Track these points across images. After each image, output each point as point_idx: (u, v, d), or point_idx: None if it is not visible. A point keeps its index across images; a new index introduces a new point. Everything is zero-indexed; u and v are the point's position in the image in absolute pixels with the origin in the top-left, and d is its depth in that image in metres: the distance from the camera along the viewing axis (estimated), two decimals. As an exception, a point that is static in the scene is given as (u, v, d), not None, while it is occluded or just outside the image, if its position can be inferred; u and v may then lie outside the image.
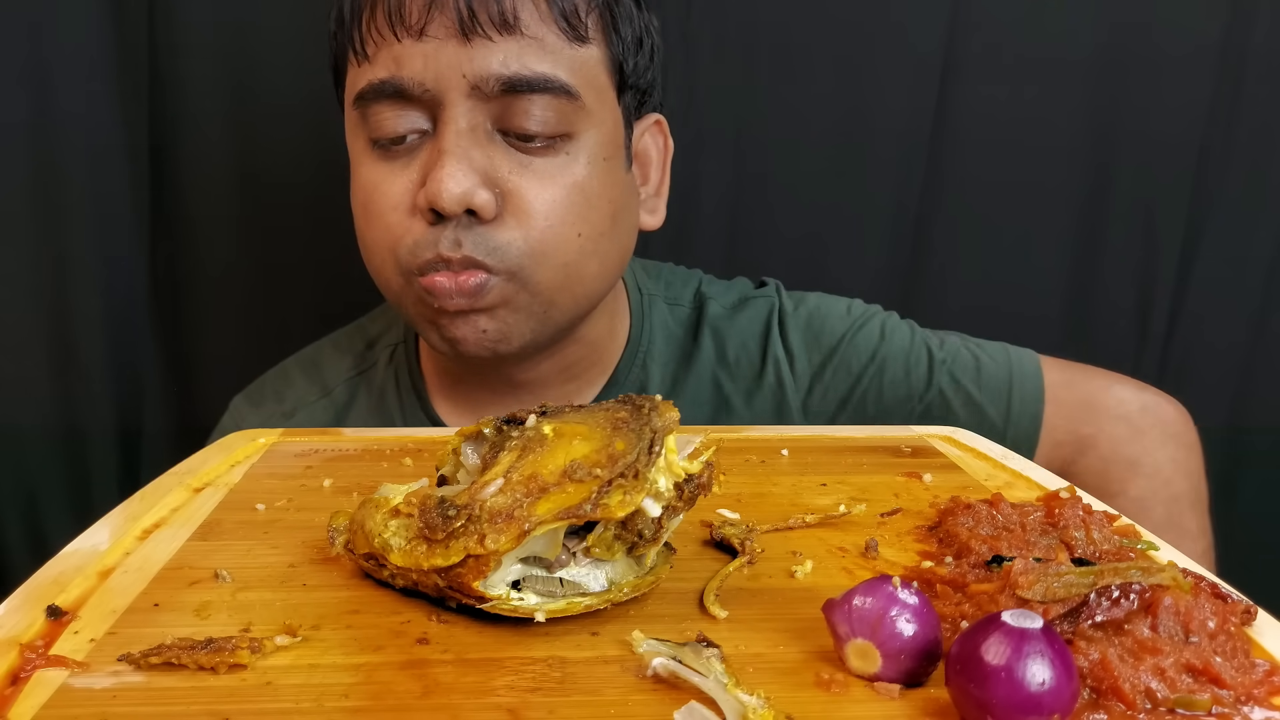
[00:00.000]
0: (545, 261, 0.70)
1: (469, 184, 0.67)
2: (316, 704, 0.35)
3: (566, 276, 0.72)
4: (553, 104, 0.68)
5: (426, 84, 0.67)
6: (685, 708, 0.34)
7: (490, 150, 0.69)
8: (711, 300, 0.87)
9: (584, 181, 0.71)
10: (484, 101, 0.68)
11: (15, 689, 0.35)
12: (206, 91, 1.03)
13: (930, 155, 1.08)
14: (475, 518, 0.39)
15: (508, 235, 0.69)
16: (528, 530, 0.38)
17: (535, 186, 0.69)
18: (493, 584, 0.40)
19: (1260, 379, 1.16)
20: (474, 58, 0.66)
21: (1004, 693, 0.32)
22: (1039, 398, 0.82)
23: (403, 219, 0.70)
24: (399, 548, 0.41)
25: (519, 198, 0.69)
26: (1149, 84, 1.07)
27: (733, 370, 0.85)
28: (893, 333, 0.85)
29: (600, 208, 0.72)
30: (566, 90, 0.68)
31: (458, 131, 0.67)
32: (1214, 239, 1.11)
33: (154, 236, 1.07)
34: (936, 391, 0.83)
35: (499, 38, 0.66)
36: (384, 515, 0.42)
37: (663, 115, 0.81)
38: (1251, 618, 0.42)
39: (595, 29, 0.71)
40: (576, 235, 0.71)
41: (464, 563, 0.39)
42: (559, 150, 0.70)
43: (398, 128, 0.69)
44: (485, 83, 0.67)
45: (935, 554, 0.49)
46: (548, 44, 0.68)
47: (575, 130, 0.70)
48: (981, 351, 0.85)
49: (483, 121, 0.68)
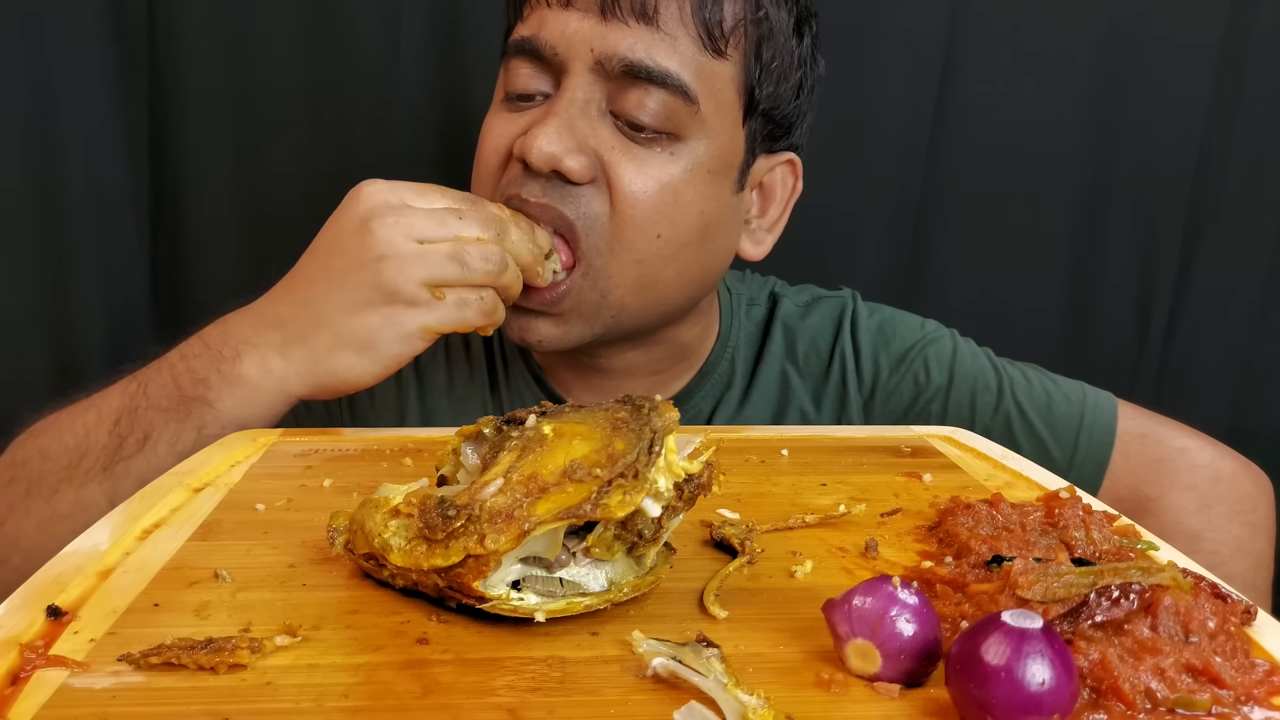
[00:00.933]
0: (621, 251, 0.71)
1: (560, 146, 0.69)
2: (316, 704, 0.35)
3: (640, 275, 0.73)
4: (667, 100, 0.70)
5: (557, 49, 0.70)
6: (685, 708, 0.34)
7: (597, 125, 0.71)
8: (784, 299, 0.89)
9: (679, 184, 0.72)
10: (604, 79, 0.70)
11: (15, 689, 0.35)
12: (206, 91, 1.03)
13: (930, 153, 1.08)
14: (475, 518, 0.39)
15: (598, 205, 0.71)
16: (527, 530, 0.38)
17: (631, 169, 0.71)
18: (493, 584, 0.40)
19: (1260, 379, 1.16)
20: (605, 35, 0.69)
21: (1004, 693, 0.32)
22: (1109, 444, 0.81)
23: (501, 162, 0.73)
24: (399, 548, 0.41)
25: (613, 174, 0.71)
26: (1149, 82, 1.07)
27: (801, 367, 0.86)
28: (966, 354, 0.85)
29: (688, 216, 0.73)
30: (684, 91, 0.70)
31: (571, 99, 0.70)
32: (1214, 239, 1.11)
33: (154, 236, 1.07)
34: (1002, 419, 0.82)
35: (634, 24, 0.69)
36: (384, 515, 0.42)
37: (799, 156, 0.81)
38: (1251, 618, 0.42)
39: (735, 47, 0.72)
40: (656, 235, 0.72)
41: (464, 563, 0.39)
42: (664, 146, 0.71)
43: (528, 85, 0.73)
44: (609, 60, 0.69)
45: (935, 554, 0.49)
46: (680, 44, 0.70)
47: (684, 133, 0.71)
48: (1056, 388, 0.84)
49: (598, 98, 0.71)
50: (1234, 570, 0.77)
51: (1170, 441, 0.81)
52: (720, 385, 0.85)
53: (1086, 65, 1.06)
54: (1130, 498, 0.80)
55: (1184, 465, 0.80)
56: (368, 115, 1.05)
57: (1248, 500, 0.79)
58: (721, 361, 0.85)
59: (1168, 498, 0.79)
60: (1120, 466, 0.80)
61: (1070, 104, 1.07)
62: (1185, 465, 0.80)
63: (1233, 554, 0.77)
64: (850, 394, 0.85)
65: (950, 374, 0.84)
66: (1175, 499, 0.78)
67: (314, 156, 1.06)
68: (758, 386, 0.85)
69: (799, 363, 0.86)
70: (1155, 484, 0.79)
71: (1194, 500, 0.78)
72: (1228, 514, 0.78)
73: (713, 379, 0.85)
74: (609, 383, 0.82)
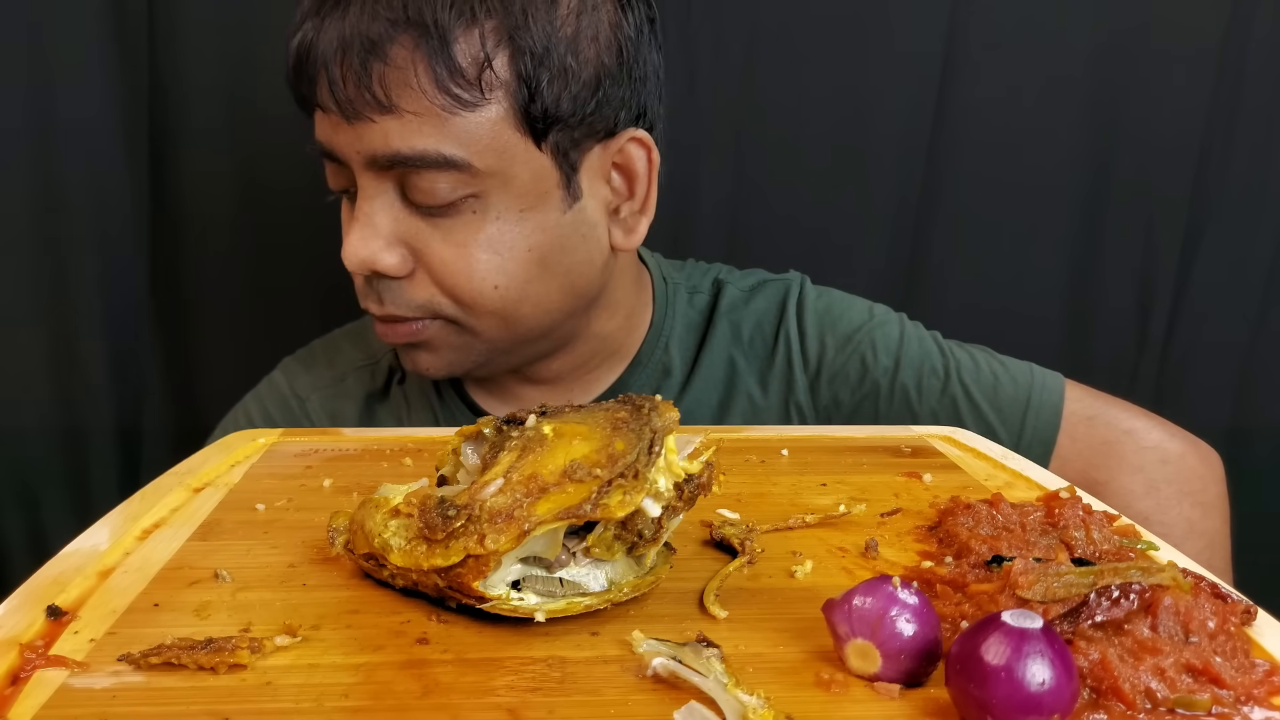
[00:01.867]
0: (471, 312, 0.73)
1: (369, 250, 0.70)
2: (316, 704, 0.35)
3: (499, 321, 0.74)
4: (441, 176, 0.68)
5: (336, 152, 0.71)
6: (685, 708, 0.34)
7: (401, 214, 0.71)
8: (729, 285, 0.88)
9: (495, 237, 0.71)
10: (384, 172, 0.70)
11: (15, 689, 0.35)
12: (206, 92, 1.03)
13: (930, 155, 1.08)
14: (475, 518, 0.39)
15: (426, 292, 0.72)
16: (527, 530, 0.38)
17: (441, 248, 0.71)
18: (492, 584, 0.40)
19: (1260, 379, 1.16)
20: (361, 136, 0.68)
21: (1004, 693, 0.32)
22: (1055, 425, 0.80)
23: None
24: (399, 548, 0.41)
25: (428, 258, 0.71)
26: (1149, 84, 1.07)
27: (746, 350, 0.86)
28: (912, 337, 0.85)
29: (517, 257, 0.72)
30: (452, 163, 0.68)
31: (368, 199, 0.70)
32: (1214, 239, 1.11)
33: (154, 236, 1.07)
34: (949, 401, 0.82)
35: (380, 117, 0.67)
36: (384, 515, 0.42)
37: (643, 128, 0.76)
38: (1251, 618, 0.42)
39: (492, 87, 0.68)
40: (493, 288, 0.72)
41: (464, 563, 0.39)
42: (465, 209, 0.70)
43: (339, 183, 0.74)
44: (375, 159, 0.69)
45: (935, 554, 0.49)
46: (432, 117, 0.67)
47: (480, 190, 0.70)
48: (1004, 369, 0.83)
49: (389, 188, 0.71)
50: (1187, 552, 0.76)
51: (1118, 423, 0.80)
52: (656, 375, 0.85)
53: (1086, 67, 1.06)
54: (1079, 480, 0.78)
55: (1131, 447, 0.79)
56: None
57: (1196, 480, 0.79)
58: (655, 351, 0.85)
59: (1116, 481, 0.78)
60: (1067, 449, 0.80)
61: (1070, 105, 1.07)
62: (1133, 447, 0.79)
63: (1184, 535, 0.76)
64: (796, 374, 0.85)
65: (896, 358, 0.83)
66: (1123, 482, 0.78)
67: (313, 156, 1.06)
68: (700, 373, 0.85)
69: (744, 346, 0.86)
70: (1103, 467, 0.79)
71: (1142, 483, 0.78)
72: (1176, 495, 0.78)
73: (647, 369, 0.85)
74: (545, 389, 0.83)
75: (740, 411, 0.85)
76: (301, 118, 1.06)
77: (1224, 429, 1.14)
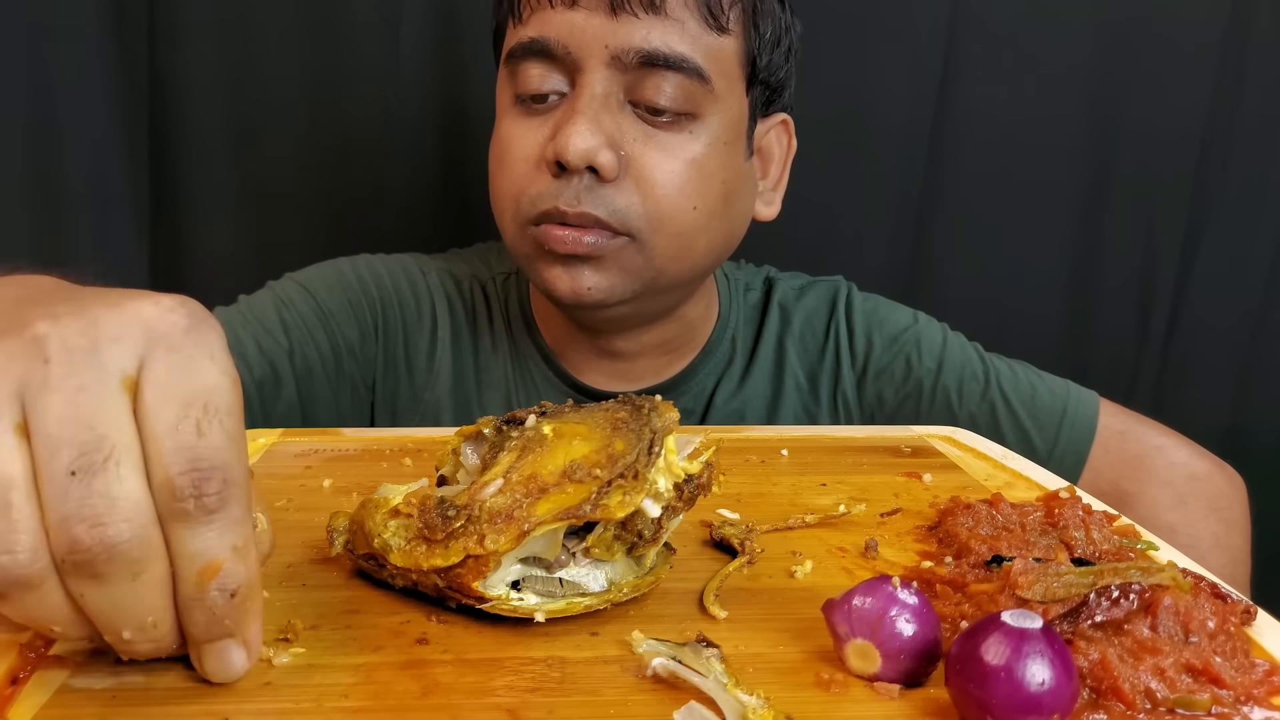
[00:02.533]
0: (662, 228, 0.74)
1: (594, 142, 0.70)
2: (316, 704, 0.35)
3: (680, 246, 0.75)
4: (684, 83, 0.72)
5: (570, 47, 0.71)
6: (685, 708, 0.34)
7: (619, 118, 0.72)
8: (780, 282, 0.92)
9: (703, 159, 0.74)
10: (620, 72, 0.72)
11: (15, 689, 0.35)
12: (206, 91, 1.03)
13: (930, 153, 1.08)
14: (475, 518, 0.39)
15: (626, 199, 0.72)
16: (527, 531, 0.38)
17: (657, 157, 0.73)
18: (492, 584, 0.40)
19: (1260, 379, 1.16)
20: (618, 30, 0.71)
21: (1004, 693, 0.32)
22: (1089, 437, 0.83)
23: (529, 170, 0.74)
24: (398, 548, 0.41)
25: (640, 165, 0.73)
26: (1149, 83, 1.07)
27: (798, 345, 0.89)
28: (954, 344, 0.89)
29: (714, 187, 0.76)
30: (699, 72, 0.72)
31: (592, 95, 0.71)
32: (1214, 239, 1.11)
33: (154, 236, 1.07)
34: (988, 406, 0.85)
35: (644, 15, 0.71)
36: (383, 515, 0.42)
37: (790, 116, 0.83)
38: (1251, 618, 0.42)
39: (736, 21, 0.74)
40: (692, 208, 0.74)
41: (463, 563, 0.39)
42: (683, 127, 0.74)
43: (540, 85, 0.74)
44: (625, 54, 0.71)
45: (935, 554, 0.49)
46: (688, 28, 0.72)
47: (701, 111, 0.74)
48: (1041, 381, 0.87)
49: (616, 91, 0.72)
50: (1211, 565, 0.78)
51: (1148, 439, 0.84)
52: (721, 363, 0.88)
53: (1086, 65, 1.06)
54: (1110, 491, 0.82)
55: (1162, 462, 0.83)
56: (367, 114, 1.05)
57: (1222, 498, 0.82)
58: (723, 341, 0.88)
59: (1145, 492, 0.81)
60: (1100, 460, 0.83)
61: (1070, 104, 1.07)
62: (1163, 462, 0.83)
63: (1209, 549, 0.79)
64: (844, 370, 0.88)
65: (940, 360, 0.87)
66: (1153, 494, 0.81)
67: (313, 156, 1.06)
68: (757, 364, 0.88)
69: (796, 341, 0.89)
70: (1133, 479, 0.82)
71: (1171, 495, 0.81)
72: (1204, 510, 0.81)
73: (715, 357, 0.88)
74: (621, 365, 0.85)
75: (790, 403, 0.88)
76: (301, 115, 1.06)
77: (1224, 429, 1.14)
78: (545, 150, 0.73)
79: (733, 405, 0.87)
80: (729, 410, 0.86)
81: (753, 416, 0.87)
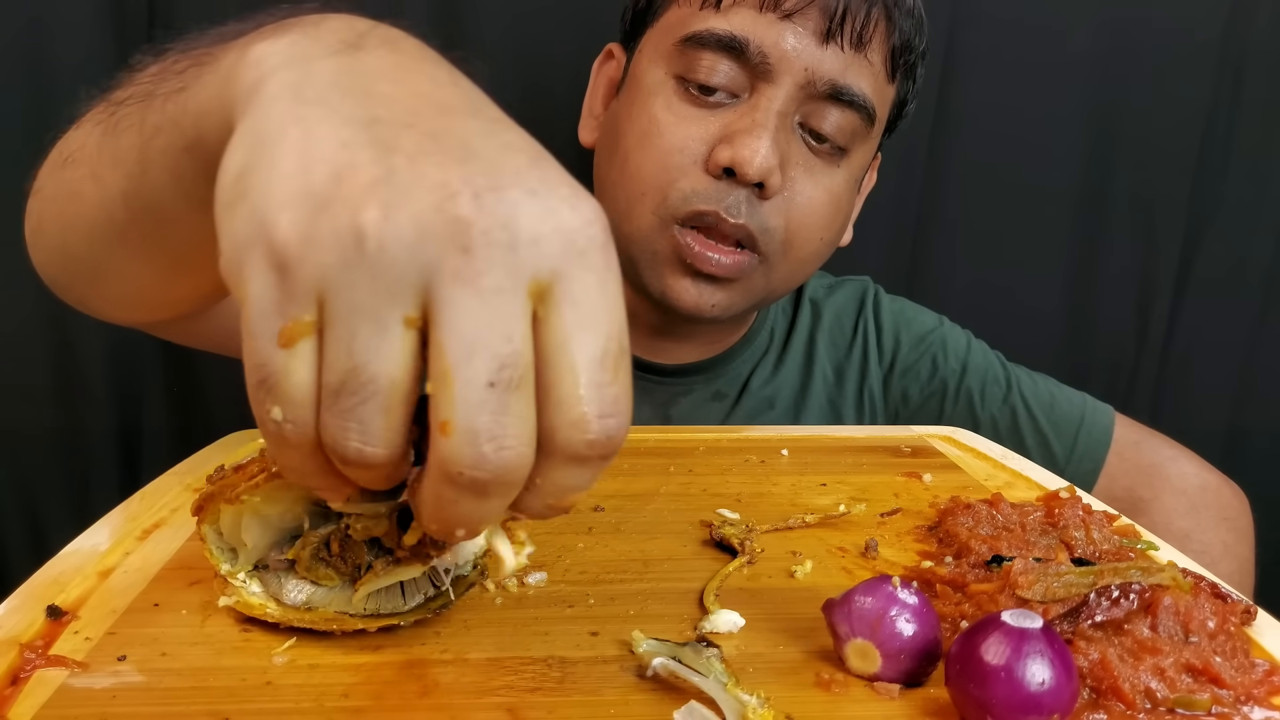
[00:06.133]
0: (791, 253, 0.75)
1: (775, 161, 0.70)
2: (316, 704, 0.35)
3: (799, 272, 0.78)
4: (855, 121, 0.74)
5: (770, 58, 0.71)
6: (685, 708, 0.34)
7: (789, 138, 0.73)
8: (810, 279, 0.92)
9: (840, 195, 0.77)
10: (805, 95, 0.72)
11: (15, 689, 0.35)
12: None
13: (930, 154, 1.08)
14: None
15: (777, 220, 0.73)
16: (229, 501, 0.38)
17: (808, 184, 0.74)
18: (238, 566, 0.40)
19: (1260, 379, 1.15)
20: (823, 59, 0.71)
21: (1004, 693, 0.32)
22: (1106, 444, 0.86)
23: (687, 164, 0.72)
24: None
25: (793, 189, 0.73)
26: (1149, 84, 1.07)
27: (828, 339, 0.91)
28: (978, 348, 0.91)
29: (840, 221, 0.79)
30: (870, 114, 0.74)
31: (776, 111, 0.71)
32: (1214, 239, 1.11)
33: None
34: (1009, 410, 0.87)
35: (848, 51, 0.72)
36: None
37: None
38: (1251, 618, 0.42)
39: (901, 72, 0.77)
40: (819, 239, 0.77)
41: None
42: (836, 160, 0.75)
43: (715, 79, 0.72)
44: (819, 81, 0.71)
45: (935, 554, 0.49)
46: (874, 70, 0.74)
47: (853, 148, 0.76)
48: (1059, 390, 0.89)
49: (793, 111, 0.73)
50: (1223, 571, 0.81)
51: (1161, 450, 0.87)
52: (759, 351, 0.89)
53: (1086, 65, 1.06)
54: (1124, 498, 0.84)
55: (1175, 471, 0.86)
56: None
57: (1231, 508, 0.85)
58: (762, 330, 0.89)
59: (1160, 499, 0.84)
60: (1115, 467, 0.85)
61: (1070, 103, 1.07)
62: (1176, 471, 0.86)
63: (1220, 556, 0.82)
64: (871, 366, 0.89)
65: (964, 362, 0.89)
66: (1168, 501, 0.84)
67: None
68: (789, 355, 0.89)
69: (825, 336, 0.91)
70: (1148, 485, 0.85)
71: (1185, 503, 0.84)
72: (1215, 518, 0.84)
73: (754, 346, 0.89)
74: (668, 344, 0.84)
75: (816, 395, 0.88)
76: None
77: (1224, 429, 1.14)
78: (717, 151, 0.71)
79: (765, 392, 0.87)
80: (761, 396, 0.87)
81: (781, 405, 0.88)
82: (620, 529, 0.51)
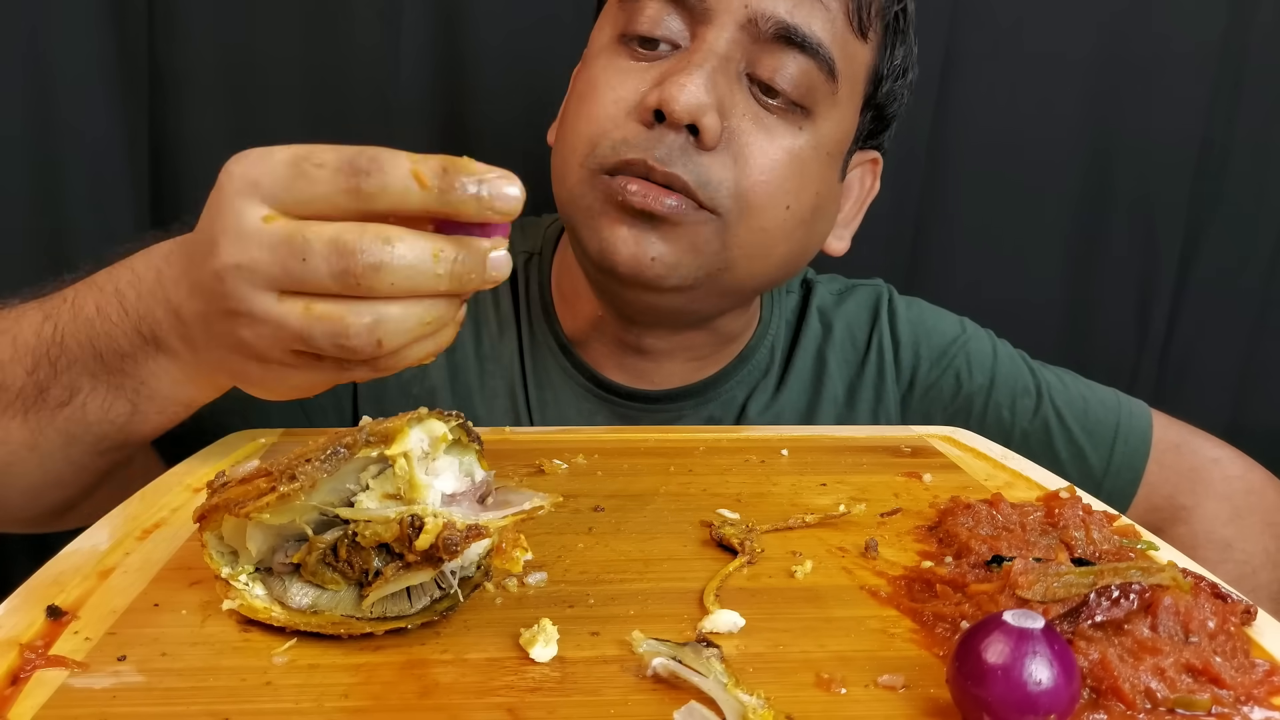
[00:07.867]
0: (750, 216, 0.68)
1: (706, 100, 0.64)
2: (316, 704, 0.35)
3: (761, 244, 0.69)
4: (810, 71, 0.67)
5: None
6: (685, 708, 0.34)
7: (734, 87, 0.67)
8: (818, 285, 0.86)
9: (805, 159, 0.69)
10: (750, 39, 0.66)
11: (15, 689, 0.35)
12: (206, 91, 1.03)
13: (930, 152, 1.08)
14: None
15: (721, 173, 0.66)
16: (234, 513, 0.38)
17: (762, 138, 0.67)
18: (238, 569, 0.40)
19: (1260, 379, 1.16)
20: None
21: (1003, 692, 0.32)
22: (1144, 452, 0.80)
23: (618, 114, 0.67)
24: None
25: (743, 141, 0.67)
26: (1149, 84, 1.07)
27: (837, 355, 0.83)
28: (1004, 355, 0.84)
29: (809, 193, 0.70)
30: (829, 64, 0.67)
31: (713, 52, 0.65)
32: (1214, 239, 1.11)
33: (154, 235, 1.07)
34: (1041, 423, 0.81)
35: None
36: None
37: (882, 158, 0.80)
38: (1251, 618, 0.42)
39: (875, 33, 0.70)
40: (785, 207, 0.69)
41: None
42: (794, 120, 0.68)
43: (654, 28, 0.67)
44: (763, 20, 0.65)
45: (935, 554, 0.49)
46: (834, 18, 0.67)
47: (815, 109, 0.68)
48: (1092, 393, 0.83)
49: (738, 58, 0.67)
50: (1262, 580, 0.76)
51: (1204, 452, 0.81)
52: (757, 372, 0.82)
53: (1086, 64, 1.06)
54: (1165, 506, 0.79)
55: (1218, 475, 0.80)
56: (368, 114, 1.05)
57: (1276, 511, 0.80)
58: (761, 348, 0.82)
59: (1202, 507, 0.78)
60: (1155, 475, 0.80)
61: (1070, 103, 1.07)
62: (1219, 475, 0.80)
63: (1262, 564, 0.77)
64: (887, 385, 0.82)
65: (991, 375, 0.82)
66: (1210, 508, 0.78)
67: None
68: (793, 374, 0.82)
69: (835, 350, 0.83)
70: (1190, 492, 0.79)
71: (1228, 510, 0.78)
72: (1260, 525, 0.78)
73: (750, 365, 0.81)
74: (646, 363, 0.78)
75: (825, 419, 0.82)
76: (301, 116, 1.06)
77: (1224, 429, 1.14)
78: (646, 97, 0.66)
79: (764, 418, 0.80)
80: (760, 423, 0.80)
81: None
82: (620, 529, 0.51)
